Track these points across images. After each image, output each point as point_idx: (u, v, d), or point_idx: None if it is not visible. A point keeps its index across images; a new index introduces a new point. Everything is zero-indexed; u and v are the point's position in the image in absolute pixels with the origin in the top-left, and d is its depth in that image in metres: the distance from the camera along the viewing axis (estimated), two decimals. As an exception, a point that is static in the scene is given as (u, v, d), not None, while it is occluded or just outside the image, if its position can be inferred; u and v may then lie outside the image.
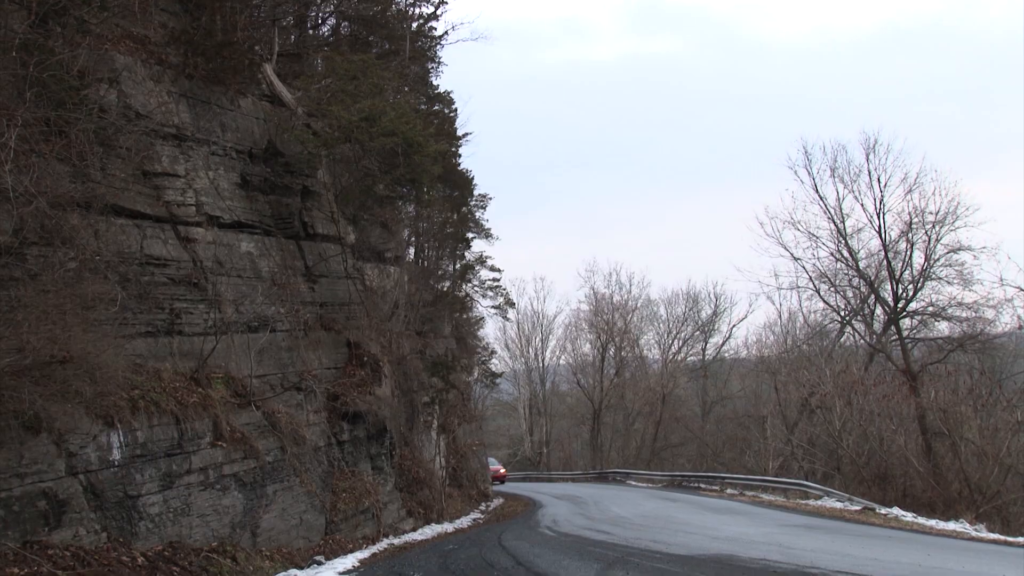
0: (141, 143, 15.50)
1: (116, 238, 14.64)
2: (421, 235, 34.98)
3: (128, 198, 15.21)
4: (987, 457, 27.01)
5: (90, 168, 13.64)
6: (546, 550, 13.18)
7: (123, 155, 14.99)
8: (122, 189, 14.96)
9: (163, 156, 16.54)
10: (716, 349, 64.12)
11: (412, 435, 27.27)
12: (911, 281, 38.43)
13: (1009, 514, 25.46)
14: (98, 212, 13.79)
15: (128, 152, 15.09)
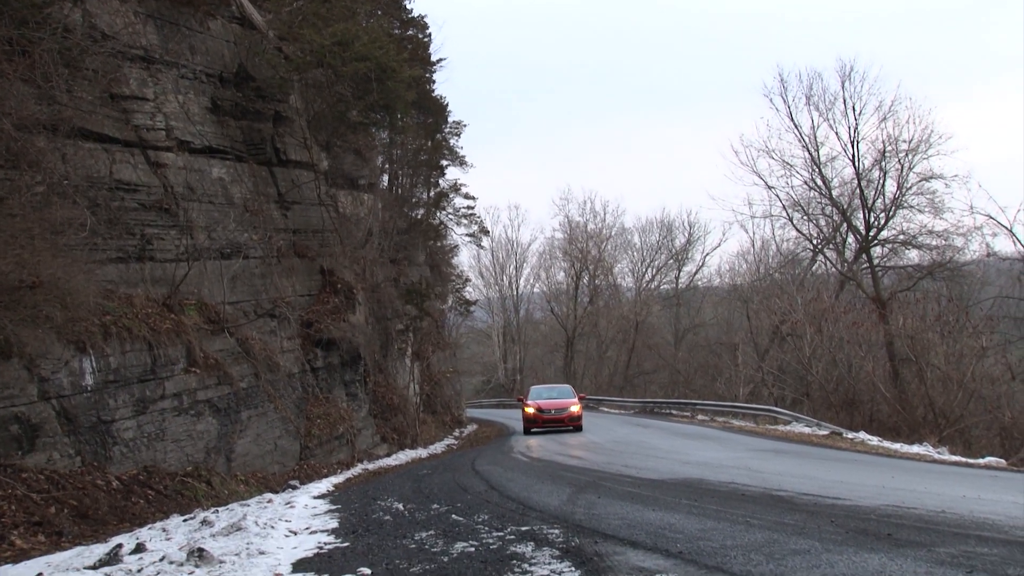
0: (108, 65, 15.18)
1: (84, 162, 14.43)
2: (395, 162, 34.67)
3: (96, 121, 14.96)
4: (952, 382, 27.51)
5: (56, 90, 13.37)
6: (519, 475, 13.36)
7: (90, 77, 14.70)
8: (89, 112, 14.70)
9: (131, 79, 16.24)
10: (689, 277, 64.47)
11: (386, 362, 27.40)
12: (883, 209, 38.67)
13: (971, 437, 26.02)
14: (65, 135, 13.55)
15: (95, 74, 14.80)
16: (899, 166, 37.79)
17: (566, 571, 5.38)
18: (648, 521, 7.36)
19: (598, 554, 5.87)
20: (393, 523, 8.66)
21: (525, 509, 8.85)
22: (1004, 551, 5.43)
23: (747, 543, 5.97)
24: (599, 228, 65.30)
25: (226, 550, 7.18)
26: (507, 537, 6.97)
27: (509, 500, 9.83)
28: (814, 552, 5.49)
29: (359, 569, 6.10)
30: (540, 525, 7.48)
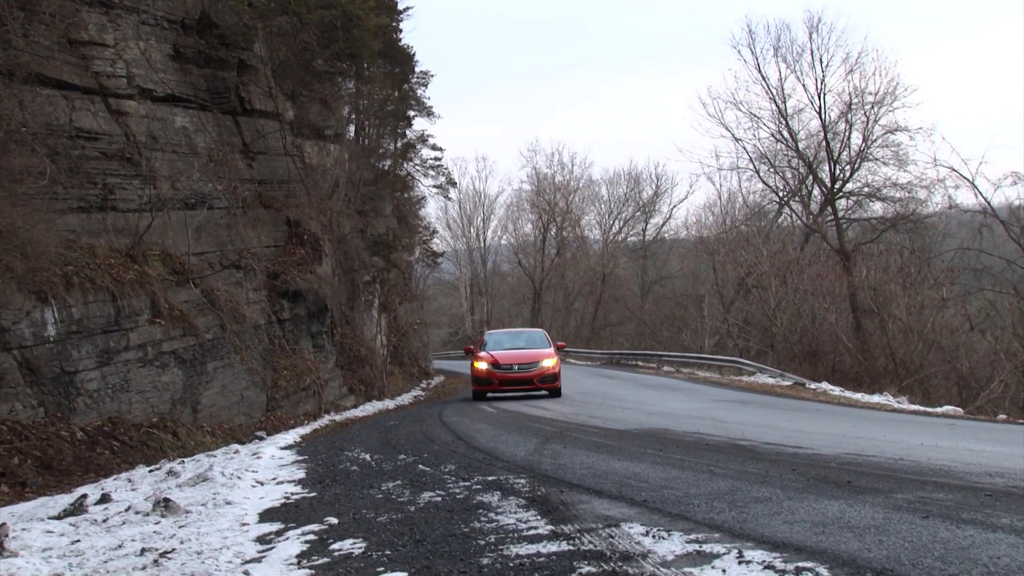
0: (65, 9, 14.84)
1: (43, 109, 14.15)
2: (361, 112, 34.31)
3: (54, 67, 14.65)
4: (912, 333, 27.91)
5: (11, 34, 13.07)
6: (486, 426, 13.43)
7: (47, 21, 14.36)
8: (47, 58, 14.39)
9: (90, 24, 15.88)
10: (656, 230, 64.59)
11: (353, 314, 27.34)
12: (848, 162, 38.87)
13: (930, 387, 26.47)
14: (22, 81, 13.27)
15: (52, 18, 14.46)
16: (865, 118, 37.96)
17: (532, 519, 5.44)
18: (613, 470, 7.44)
19: (564, 503, 5.93)
20: (360, 473, 8.69)
21: (492, 459, 8.91)
22: (959, 496, 5.56)
23: (710, 491, 6.06)
24: (567, 180, 65.18)
25: (192, 500, 7.18)
26: (474, 487, 7.02)
27: (476, 450, 9.89)
28: (776, 500, 5.58)
29: (326, 519, 6.12)
30: (506, 475, 7.54)
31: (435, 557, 4.66)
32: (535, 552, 4.54)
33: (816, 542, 4.33)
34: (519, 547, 4.69)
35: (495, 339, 21.72)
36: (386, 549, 4.99)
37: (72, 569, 5.10)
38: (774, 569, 3.82)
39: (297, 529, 5.87)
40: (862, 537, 4.39)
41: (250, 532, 5.95)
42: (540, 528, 5.15)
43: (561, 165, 66.02)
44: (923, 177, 36.55)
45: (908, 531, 4.50)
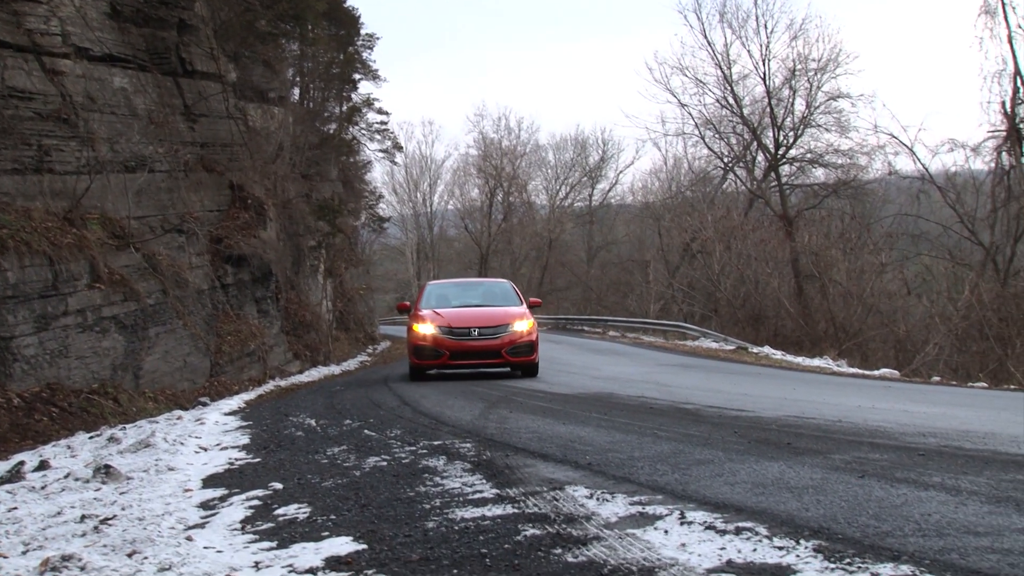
0: (-4, -35, 14.39)
1: (-26, 69, 13.73)
2: (306, 75, 33.83)
3: (-15, 26, 14.21)
4: (852, 297, 28.43)
5: (-60, -9, 12.63)
6: (432, 391, 13.44)
7: (-24, -22, 13.90)
8: (-22, 16, 13.94)
9: (22, -19, 15.40)
10: (603, 195, 64.84)
11: (298, 279, 27.11)
12: (792, 128, 39.29)
13: (868, 350, 27.02)
14: (-48, 40, 12.85)
15: (-18, -25, 14.01)
16: (808, 85, 38.38)
17: (477, 483, 5.46)
18: (558, 434, 7.50)
19: (509, 467, 5.97)
20: (305, 439, 8.65)
21: (438, 424, 8.92)
22: (893, 456, 5.69)
23: (654, 454, 6.14)
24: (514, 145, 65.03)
25: (134, 466, 7.10)
26: (419, 451, 7.03)
27: (422, 415, 9.90)
28: (717, 461, 5.66)
29: (270, 484, 6.10)
30: (452, 439, 7.56)
31: (380, 521, 4.67)
32: (480, 515, 4.57)
33: (756, 502, 4.41)
34: (464, 511, 4.72)
35: (440, 292, 16.21)
36: (331, 514, 4.99)
37: (9, 536, 5.02)
38: (715, 529, 3.88)
39: (241, 495, 5.84)
40: (800, 497, 4.48)
41: (193, 498, 5.91)
42: (485, 492, 5.18)
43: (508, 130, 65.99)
44: (864, 144, 37.15)
45: (844, 491, 4.60)
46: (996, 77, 28.73)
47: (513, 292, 16.19)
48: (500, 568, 3.56)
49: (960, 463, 5.40)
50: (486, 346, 14.13)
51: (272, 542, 4.47)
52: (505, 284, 17.07)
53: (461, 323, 14.31)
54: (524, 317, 14.55)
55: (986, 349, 23.62)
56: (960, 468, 5.21)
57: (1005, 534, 3.61)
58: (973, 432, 6.99)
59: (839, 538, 3.63)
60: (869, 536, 3.63)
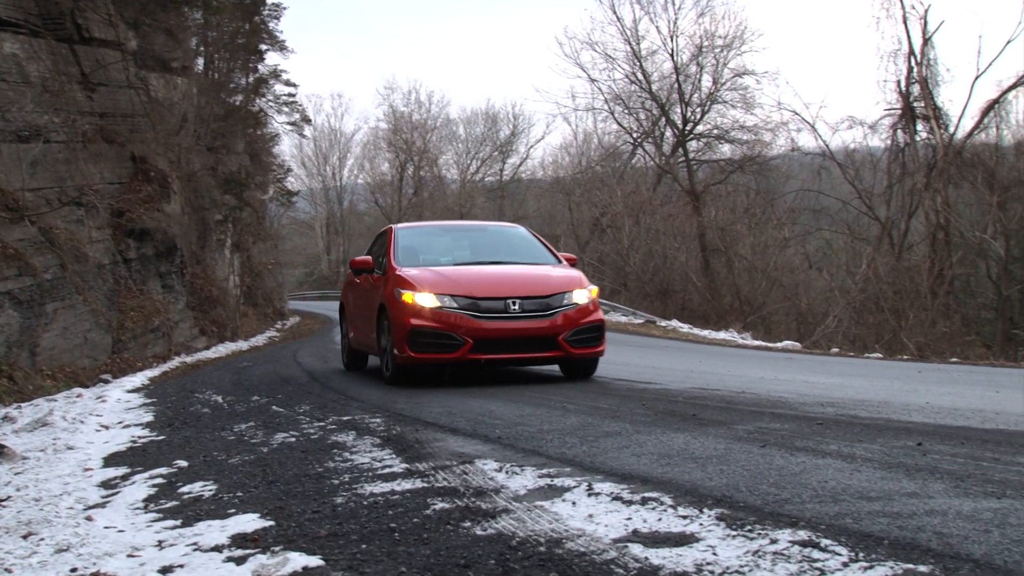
0: None
1: None
2: (210, 45, 32.98)
3: None
4: (756, 271, 29.10)
5: None
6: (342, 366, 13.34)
7: None
8: None
9: (-95, -60, 14.66)
10: (514, 170, 64.87)
11: (204, 253, 26.56)
12: (699, 104, 39.87)
13: (771, 323, 27.72)
14: None
15: None
16: (715, 62, 39.00)
17: (387, 458, 5.45)
18: (469, 409, 7.52)
19: (419, 441, 5.97)
20: (211, 415, 8.52)
21: (347, 399, 8.87)
22: (793, 426, 5.86)
23: (563, 427, 6.20)
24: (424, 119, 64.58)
25: (30, 446, 6.90)
26: (328, 427, 6.98)
27: (331, 391, 9.83)
28: (625, 433, 5.75)
29: (175, 462, 5.99)
30: (362, 415, 7.53)
31: (288, 498, 4.63)
32: (389, 490, 4.56)
33: (662, 473, 4.49)
34: (373, 485, 4.70)
35: (423, 241, 10.91)
36: (238, 491, 4.93)
37: (-101, 522, 4.84)
38: (621, 500, 3.95)
39: (144, 473, 5.73)
40: (704, 467, 4.58)
41: (93, 477, 5.77)
42: (395, 466, 5.17)
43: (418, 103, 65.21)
44: (768, 120, 37.97)
45: (747, 460, 4.72)
46: (892, 57, 29.67)
47: (539, 244, 10.70)
48: (409, 542, 3.57)
49: (855, 431, 5.59)
50: (533, 329, 8.84)
51: (176, 520, 4.40)
52: (521, 231, 11.39)
53: (488, 290, 8.94)
54: (582, 282, 9.36)
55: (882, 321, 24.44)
56: (855, 436, 5.39)
57: (895, 498, 3.75)
58: (868, 401, 7.23)
59: (741, 506, 3.72)
60: (769, 503, 3.74)
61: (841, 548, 3.04)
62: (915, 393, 7.89)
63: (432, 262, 10.12)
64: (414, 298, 9.01)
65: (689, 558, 3.06)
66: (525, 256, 10.35)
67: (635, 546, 3.24)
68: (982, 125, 27.94)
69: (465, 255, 10.47)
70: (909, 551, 2.98)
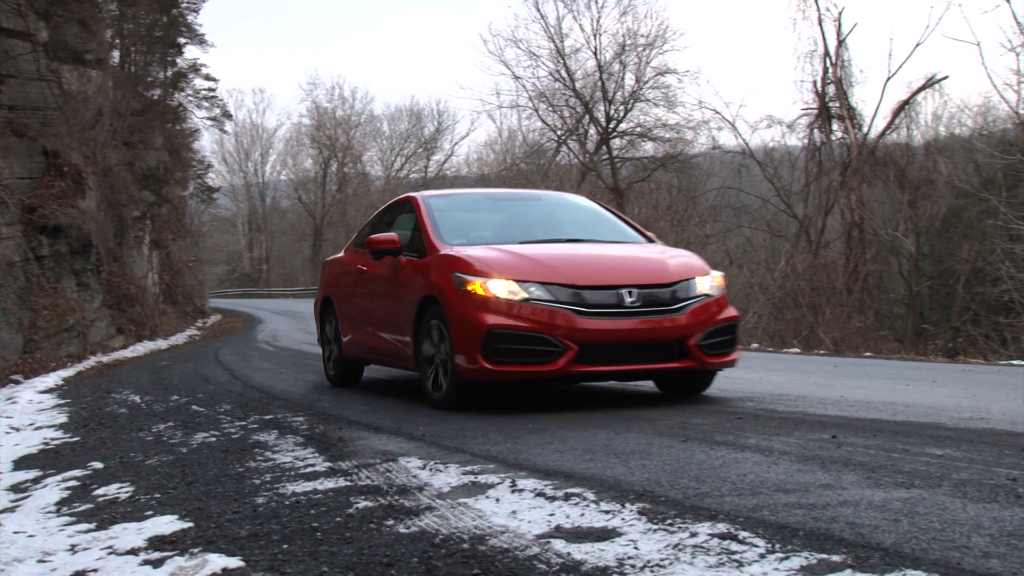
0: None
1: None
2: (126, 37, 32.19)
3: None
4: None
5: None
6: (264, 364, 13.19)
7: None
8: None
9: None
10: (438, 166, 64.74)
11: (122, 251, 25.96)
12: (623, 102, 40.22)
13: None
14: None
15: None
16: (637, 60, 39.37)
17: (310, 457, 5.40)
18: (392, 407, 7.49)
19: (342, 439, 5.93)
20: (129, 416, 8.34)
21: (269, 398, 8.76)
22: (714, 420, 5.96)
23: (487, 424, 6.21)
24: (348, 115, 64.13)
25: (-62, 451, 6.68)
26: (250, 426, 6.89)
27: (253, 389, 9.70)
28: (549, 430, 5.78)
29: (90, 464, 5.85)
30: (284, 413, 7.44)
31: (207, 498, 4.55)
32: (312, 489, 4.52)
33: (584, 469, 4.53)
34: (296, 485, 4.66)
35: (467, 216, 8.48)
36: (155, 492, 4.83)
37: None
38: (545, 496, 3.97)
39: (57, 476, 5.58)
40: (627, 462, 4.63)
41: (3, 481, 5.61)
42: (318, 465, 5.13)
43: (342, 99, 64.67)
44: (690, 119, 38.37)
45: (668, 455, 4.79)
46: (809, 58, 30.20)
47: (617, 218, 8.48)
48: (331, 541, 3.54)
49: (774, 425, 5.71)
50: (656, 330, 6.59)
51: (90, 524, 4.30)
52: (587, 202, 9.23)
53: (592, 276, 6.69)
54: (704, 267, 7.19)
55: (799, 316, 24.94)
56: (773, 430, 5.50)
57: (811, 490, 3.84)
58: (786, 395, 7.39)
59: (662, 500, 3.77)
60: (690, 497, 3.80)
61: (758, 540, 3.10)
62: (831, 387, 8.08)
63: (489, 239, 7.54)
64: (487, 287, 6.54)
65: (611, 553, 3.09)
66: (604, 234, 7.92)
67: (558, 542, 3.27)
68: (893, 125, 28.69)
69: (527, 232, 7.77)
70: (823, 541, 3.06)
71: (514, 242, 7.36)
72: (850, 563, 2.82)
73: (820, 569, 2.78)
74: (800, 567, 2.81)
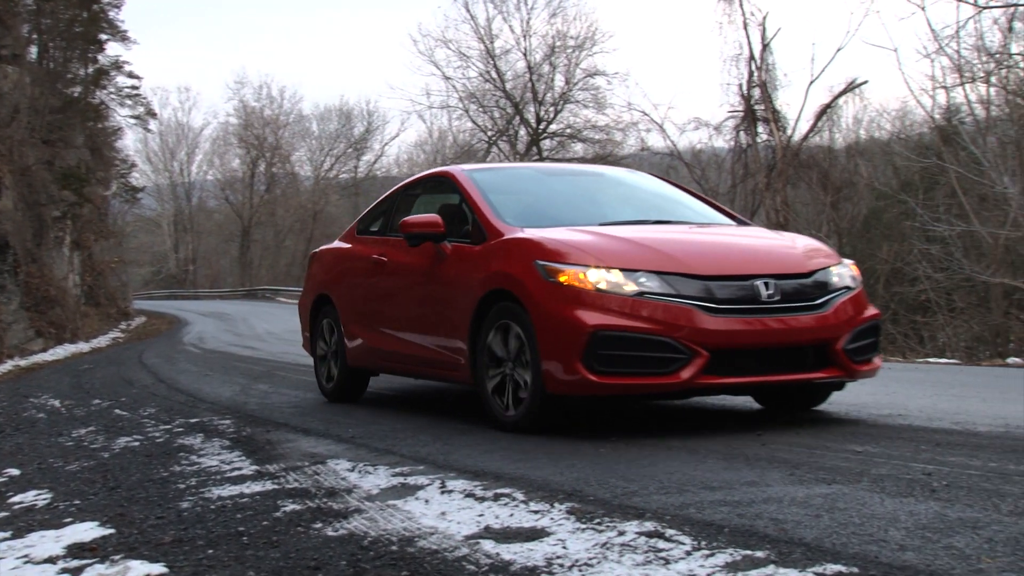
0: None
1: None
2: (44, 33, 31.38)
3: None
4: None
5: None
6: (190, 366, 12.98)
7: None
8: None
9: None
10: (368, 167, 64.37)
11: (41, 251, 25.30)
12: (552, 103, 40.51)
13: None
14: None
15: None
16: (567, 62, 39.74)
17: (236, 460, 5.33)
18: (322, 408, 7.43)
19: (270, 442, 5.86)
20: (48, 420, 8.14)
21: (196, 401, 8.62)
22: (640, 420, 6.02)
23: (417, 425, 6.20)
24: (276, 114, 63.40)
25: None
26: (175, 430, 6.77)
27: (179, 392, 9.54)
28: (480, 432, 5.80)
29: (5, 470, 5.69)
30: (211, 416, 7.33)
31: (130, 504, 4.46)
32: (238, 493, 4.46)
33: (514, 469, 4.55)
34: (222, 489, 4.59)
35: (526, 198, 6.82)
36: (75, 499, 4.72)
37: None
38: (474, 496, 3.97)
39: (-28, 484, 5.42)
40: (556, 462, 4.65)
41: (-85, 491, 5.42)
42: (245, 469, 5.07)
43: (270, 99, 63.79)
44: (619, 120, 38.81)
45: (597, 454, 4.83)
46: (735, 61, 30.75)
47: (699, 199, 7.14)
48: (258, 545, 3.50)
49: (700, 424, 5.79)
50: (800, 331, 5.33)
51: (5, 532, 4.18)
52: (655, 180, 7.65)
53: (719, 263, 5.46)
54: (836, 256, 5.96)
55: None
56: (700, 428, 5.58)
57: (736, 487, 3.90)
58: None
59: (591, 499, 3.80)
60: (618, 496, 3.83)
61: (685, 537, 3.14)
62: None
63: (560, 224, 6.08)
64: (587, 278, 5.22)
65: (540, 552, 3.10)
66: (689, 214, 6.67)
67: (487, 542, 3.27)
68: (816, 128, 29.37)
69: (601, 212, 6.47)
70: (748, 538, 3.11)
71: (593, 223, 6.06)
72: (773, 559, 2.87)
73: (744, 565, 2.83)
74: (725, 563, 2.86)
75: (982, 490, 3.68)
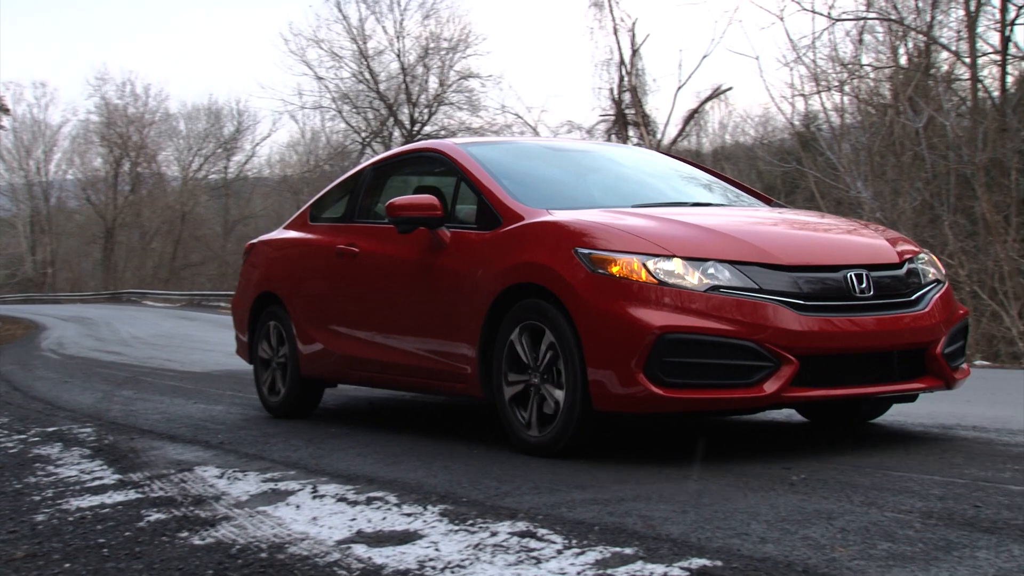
0: None
1: None
2: None
3: None
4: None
5: None
6: (48, 373, 12.43)
7: None
8: None
9: None
10: (239, 167, 62.92)
11: None
12: (427, 105, 40.52)
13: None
14: None
15: None
16: (441, 64, 39.85)
17: (97, 470, 5.14)
18: (189, 414, 7.23)
19: (134, 450, 5.67)
20: None
21: (54, 409, 8.26)
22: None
23: (288, 429, 6.10)
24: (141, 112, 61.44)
25: None
26: (31, 439, 6.48)
27: (35, 400, 9.12)
28: (352, 435, 5.76)
29: None
30: (70, 425, 7.04)
31: (-20, 519, 4.25)
32: (99, 503, 4.30)
33: (387, 472, 4.52)
34: (81, 500, 4.42)
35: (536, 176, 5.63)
36: (-80, 516, 4.46)
37: None
38: (346, 501, 3.94)
39: None
40: (429, 465, 4.65)
41: None
42: (106, 478, 4.88)
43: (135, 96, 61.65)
44: (493, 123, 39.06)
45: (471, 456, 4.85)
46: (605, 65, 31.37)
47: (725, 181, 6.13)
48: (119, 557, 3.38)
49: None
50: (898, 332, 4.44)
51: None
52: (669, 159, 6.87)
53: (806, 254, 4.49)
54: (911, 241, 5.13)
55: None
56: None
57: (606, 485, 3.98)
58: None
59: (464, 501, 3.81)
60: (491, 497, 3.85)
61: (556, 536, 3.19)
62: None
63: (590, 205, 5.16)
64: (646, 269, 4.28)
65: (412, 555, 3.09)
66: (720, 196, 5.82)
67: (359, 546, 3.24)
68: (685, 132, 30.25)
69: (629, 194, 5.55)
70: (617, 535, 3.17)
71: (626, 205, 5.10)
72: (641, 555, 2.93)
73: (614, 562, 2.88)
74: (595, 561, 2.91)
75: (836, 483, 3.85)
